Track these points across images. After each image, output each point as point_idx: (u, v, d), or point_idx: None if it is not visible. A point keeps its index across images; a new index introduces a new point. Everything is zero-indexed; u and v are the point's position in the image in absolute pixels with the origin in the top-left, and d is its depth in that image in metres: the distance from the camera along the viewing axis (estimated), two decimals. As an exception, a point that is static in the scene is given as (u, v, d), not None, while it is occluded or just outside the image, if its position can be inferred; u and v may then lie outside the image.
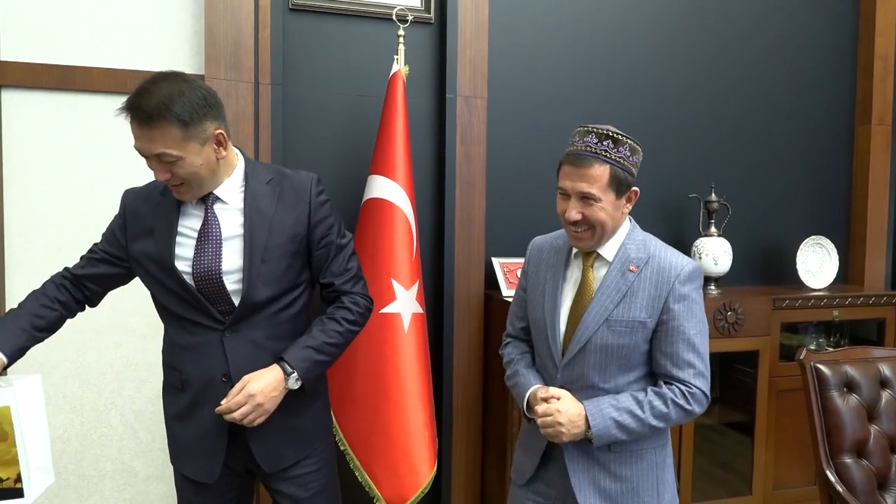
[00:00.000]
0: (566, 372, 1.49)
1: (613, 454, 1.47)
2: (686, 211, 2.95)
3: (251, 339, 1.48)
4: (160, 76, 1.38)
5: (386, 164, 2.29)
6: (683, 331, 1.43)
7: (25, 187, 2.21)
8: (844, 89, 3.21)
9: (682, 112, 2.96)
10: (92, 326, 2.28)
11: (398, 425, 2.21)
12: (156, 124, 1.32)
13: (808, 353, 1.79)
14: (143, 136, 1.34)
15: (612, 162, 1.41)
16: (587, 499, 1.46)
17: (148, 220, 1.49)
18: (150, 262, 1.48)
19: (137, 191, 1.58)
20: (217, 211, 1.47)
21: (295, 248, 1.52)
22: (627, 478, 1.47)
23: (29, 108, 2.20)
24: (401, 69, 2.35)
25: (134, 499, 2.34)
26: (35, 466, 1.15)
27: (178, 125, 1.33)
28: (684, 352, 1.43)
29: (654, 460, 1.50)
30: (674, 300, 1.43)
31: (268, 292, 1.48)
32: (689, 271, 1.46)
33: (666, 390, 1.43)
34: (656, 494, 1.49)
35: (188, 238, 1.46)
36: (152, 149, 1.34)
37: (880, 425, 1.76)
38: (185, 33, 2.33)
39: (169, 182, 1.39)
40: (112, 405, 2.31)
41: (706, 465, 2.74)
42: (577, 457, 1.49)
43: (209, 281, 1.44)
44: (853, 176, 3.24)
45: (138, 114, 1.33)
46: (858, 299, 2.83)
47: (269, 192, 1.50)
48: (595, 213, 1.42)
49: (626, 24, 2.86)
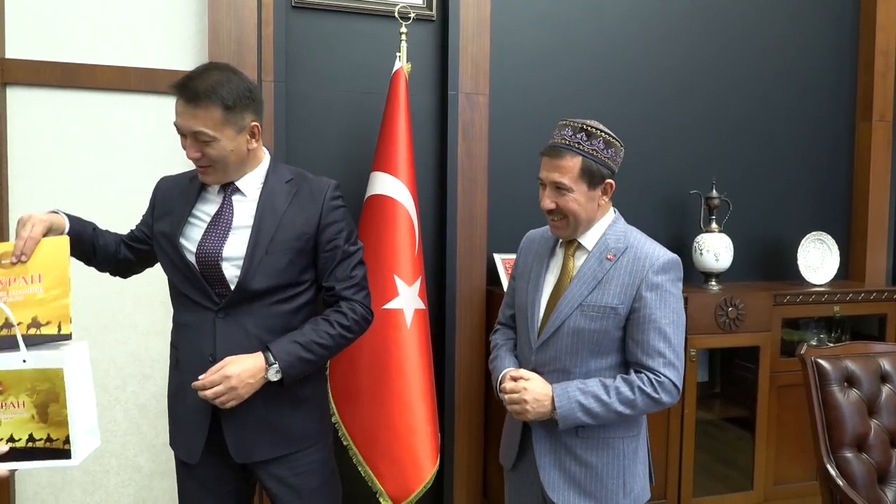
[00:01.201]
0: (540, 354, 1.53)
1: (580, 439, 1.50)
2: (687, 207, 2.96)
3: (242, 325, 1.51)
4: (214, 65, 1.50)
5: (388, 160, 2.30)
6: (655, 319, 1.45)
7: (30, 184, 2.22)
8: (845, 86, 3.22)
9: (683, 108, 2.97)
10: (96, 323, 2.29)
11: (401, 420, 2.22)
12: (201, 103, 1.40)
13: (809, 348, 1.80)
14: (187, 113, 1.42)
15: (584, 154, 1.48)
16: (550, 479, 1.50)
17: (172, 202, 1.59)
18: (164, 239, 1.56)
19: (171, 177, 1.68)
20: (234, 201, 1.54)
21: (301, 246, 1.54)
22: (593, 464, 1.50)
23: (33, 105, 2.21)
24: (403, 66, 2.36)
25: (138, 494, 2.36)
26: (82, 430, 1.19)
27: (221, 108, 1.41)
28: (655, 340, 1.46)
29: (623, 450, 1.52)
30: (646, 288, 1.46)
31: (265, 283, 1.51)
32: (665, 262, 1.49)
33: (634, 377, 1.46)
34: (622, 484, 1.51)
35: (201, 221, 1.54)
36: (192, 125, 1.42)
37: (880, 420, 1.77)
38: (189, 31, 2.34)
39: (197, 162, 1.47)
40: (116, 401, 2.32)
41: (707, 461, 2.76)
42: (544, 439, 1.53)
43: (208, 263, 1.50)
44: (854, 172, 3.25)
45: (187, 91, 1.41)
46: (859, 295, 2.83)
47: (286, 191, 1.56)
48: (567, 203, 1.49)
49: (627, 21, 2.86)
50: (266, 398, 1.51)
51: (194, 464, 1.56)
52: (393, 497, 2.24)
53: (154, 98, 2.31)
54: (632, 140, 2.89)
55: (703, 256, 2.76)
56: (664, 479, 2.59)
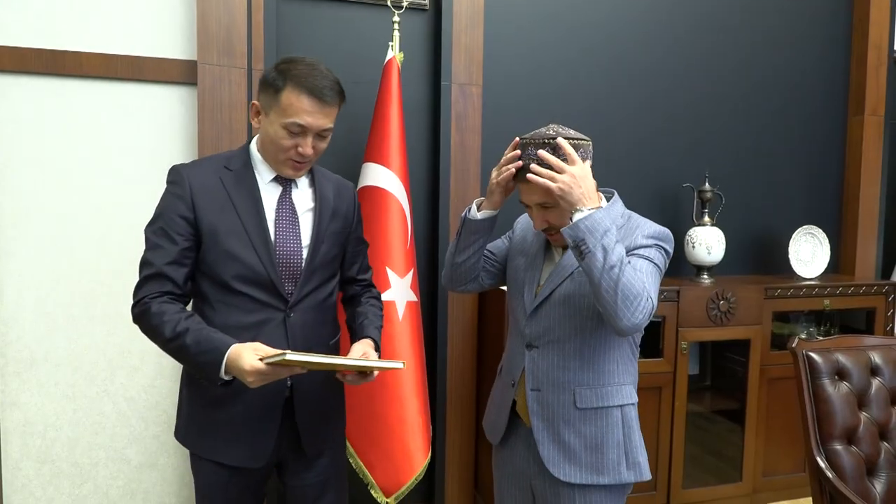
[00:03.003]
0: (533, 324, 1.51)
1: (579, 411, 1.48)
2: (680, 200, 2.96)
3: (306, 322, 1.50)
4: (305, 59, 1.44)
5: (380, 151, 2.28)
6: (633, 265, 1.38)
7: (16, 174, 2.19)
8: (838, 80, 3.22)
9: (676, 102, 2.96)
10: (84, 314, 2.27)
11: (392, 412, 2.22)
12: (337, 102, 1.44)
13: (801, 341, 1.80)
14: (321, 112, 1.41)
15: None
16: (550, 454, 1.48)
17: (223, 193, 1.45)
18: (232, 235, 1.43)
19: (195, 167, 1.49)
20: (292, 191, 1.52)
21: (343, 239, 1.60)
22: (592, 435, 1.48)
23: (18, 93, 2.18)
24: (395, 56, 2.34)
25: (127, 486, 2.34)
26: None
27: (341, 105, 1.47)
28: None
29: (621, 418, 1.50)
30: (634, 248, 1.44)
31: (323, 274, 1.54)
32: (657, 230, 1.48)
33: None
34: (624, 454, 1.49)
35: (267, 213, 1.47)
36: (324, 124, 1.42)
37: (870, 412, 1.78)
38: (178, 18, 2.30)
39: (307, 158, 1.43)
40: (105, 393, 2.30)
41: (697, 453, 2.77)
42: (540, 413, 1.51)
43: (289, 255, 1.47)
44: (845, 166, 3.26)
45: (329, 93, 1.40)
46: (849, 289, 2.85)
47: (329, 184, 1.59)
48: (559, 220, 1.42)
49: (621, 13, 2.85)
50: (327, 390, 1.56)
51: (258, 467, 1.49)
52: (384, 489, 2.24)
53: (141, 86, 2.28)
54: (625, 133, 2.90)
55: (695, 250, 2.77)
56: (655, 471, 2.60)
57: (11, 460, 2.23)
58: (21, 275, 2.21)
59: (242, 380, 1.31)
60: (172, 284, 1.40)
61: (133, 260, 2.27)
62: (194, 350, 1.33)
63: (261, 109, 1.45)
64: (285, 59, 1.44)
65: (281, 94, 1.39)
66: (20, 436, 2.23)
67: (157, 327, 1.36)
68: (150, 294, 1.39)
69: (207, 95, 2.27)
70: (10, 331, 2.21)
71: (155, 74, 2.27)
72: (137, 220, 2.30)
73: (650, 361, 2.57)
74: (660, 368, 2.58)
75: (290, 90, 1.38)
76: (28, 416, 2.23)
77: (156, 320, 1.36)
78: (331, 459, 1.62)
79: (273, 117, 1.41)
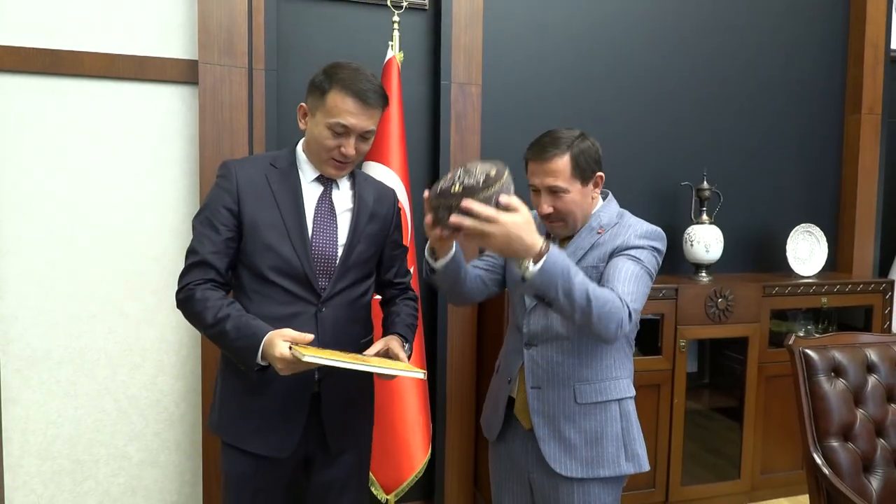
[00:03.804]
0: (532, 322, 1.53)
1: (579, 406, 1.50)
2: (678, 199, 2.97)
3: (337, 318, 1.53)
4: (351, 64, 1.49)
5: (380, 150, 2.29)
6: (619, 268, 1.41)
7: (17, 172, 2.20)
8: (835, 78, 3.24)
9: (675, 101, 2.97)
10: (86, 311, 2.28)
11: (392, 410, 2.23)
12: (380, 105, 1.48)
13: (797, 338, 1.81)
14: (364, 114, 1.46)
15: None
16: (551, 450, 1.50)
17: (268, 189, 1.51)
18: (271, 229, 1.48)
19: (244, 163, 1.57)
20: (332, 190, 1.56)
21: (381, 241, 1.63)
22: (591, 429, 1.50)
23: (20, 93, 2.18)
24: (395, 56, 2.35)
25: (128, 483, 2.35)
26: None
27: (384, 109, 1.52)
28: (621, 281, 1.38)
29: (619, 411, 1.51)
30: (625, 248, 1.46)
31: (357, 273, 1.56)
32: (648, 229, 1.50)
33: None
34: (622, 446, 1.50)
35: (307, 210, 1.53)
36: (367, 125, 1.47)
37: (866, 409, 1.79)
38: (179, 18, 2.31)
39: (348, 158, 1.48)
40: (106, 390, 2.31)
41: (695, 450, 2.79)
42: (540, 410, 1.52)
43: (324, 251, 1.51)
44: (843, 165, 3.27)
45: (372, 96, 1.45)
46: (847, 286, 2.86)
47: (370, 187, 1.63)
48: (566, 206, 1.47)
49: (621, 13, 2.86)
50: (355, 389, 1.58)
51: (283, 457, 1.51)
52: (384, 486, 2.25)
53: (142, 85, 2.29)
54: (624, 132, 2.91)
55: (693, 248, 2.78)
56: (653, 468, 2.62)
57: (13, 457, 2.24)
58: (22, 273, 2.22)
59: (274, 366, 1.36)
60: (215, 272, 1.47)
61: (135, 257, 2.30)
62: (233, 335, 1.39)
63: (308, 111, 1.51)
64: (333, 63, 1.50)
65: (327, 95, 1.45)
66: (21, 433, 2.24)
67: (200, 313, 1.42)
68: (195, 281, 1.45)
69: (208, 95, 2.28)
70: (11, 328, 2.22)
71: (156, 74, 2.28)
72: (139, 218, 2.31)
73: (649, 359, 2.59)
74: (658, 366, 2.59)
75: (335, 92, 1.44)
76: (29, 413, 2.25)
77: (199, 306, 1.42)
78: (354, 458, 1.63)
79: (319, 118, 1.47)
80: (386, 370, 1.41)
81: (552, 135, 1.50)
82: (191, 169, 2.34)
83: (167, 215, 2.33)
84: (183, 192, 2.34)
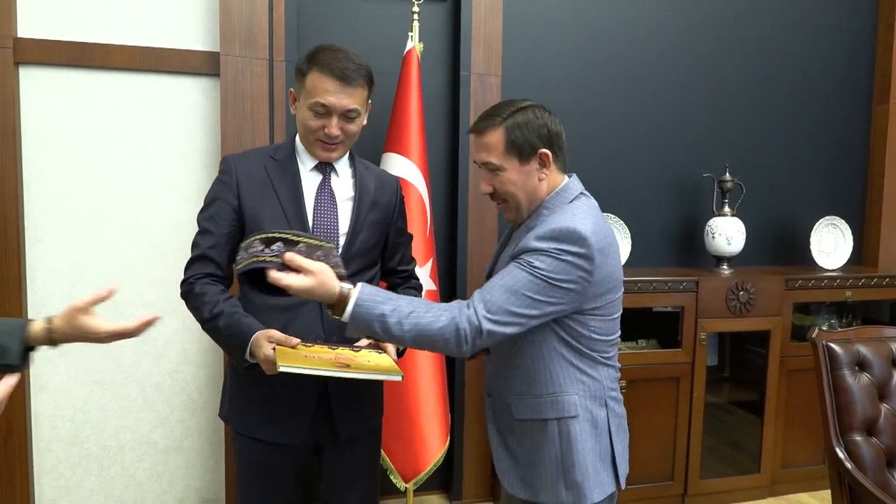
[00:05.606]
0: None
1: (518, 422, 1.38)
2: (700, 190, 2.94)
3: None
4: (333, 45, 1.48)
5: (400, 141, 2.30)
6: (502, 274, 1.29)
7: (44, 164, 2.24)
8: (862, 67, 3.17)
9: (696, 91, 2.94)
10: (111, 300, 2.30)
11: (412, 401, 2.24)
12: (361, 83, 1.46)
13: (821, 332, 1.79)
14: (343, 92, 1.44)
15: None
16: (501, 467, 1.44)
17: (267, 182, 1.52)
18: (273, 220, 1.48)
19: (243, 157, 1.58)
20: (331, 178, 1.56)
21: (383, 229, 1.61)
22: (529, 448, 1.37)
23: (46, 85, 2.22)
24: (415, 46, 2.35)
25: (153, 468, 2.40)
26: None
27: (367, 87, 1.49)
28: (489, 290, 1.27)
29: (558, 433, 1.34)
30: (521, 252, 1.30)
31: (360, 262, 1.55)
32: (555, 228, 1.28)
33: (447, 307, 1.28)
34: (561, 473, 1.34)
35: (306, 198, 1.53)
36: (347, 104, 1.45)
37: (891, 404, 1.76)
38: (200, 11, 2.33)
39: (336, 139, 1.48)
40: (131, 378, 2.36)
41: (715, 444, 2.77)
42: (492, 420, 1.47)
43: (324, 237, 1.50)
44: (869, 156, 3.21)
45: (352, 74, 1.43)
46: (872, 280, 2.82)
47: (371, 175, 1.62)
48: (502, 186, 1.35)
49: (643, 3, 2.82)
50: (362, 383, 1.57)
51: (292, 444, 1.52)
52: (403, 474, 2.27)
53: (165, 77, 2.31)
54: (645, 122, 2.88)
55: (715, 240, 2.75)
56: (672, 461, 2.61)
57: (42, 442, 2.30)
58: (49, 261, 2.27)
59: (261, 366, 1.37)
60: (215, 266, 1.49)
61: (158, 246, 2.33)
62: (225, 333, 1.42)
63: (296, 96, 1.51)
64: (316, 46, 1.49)
65: (307, 77, 1.45)
66: (50, 419, 2.30)
67: (198, 308, 1.46)
68: (196, 275, 1.48)
69: (230, 86, 2.30)
70: (39, 315, 2.26)
71: (178, 66, 2.31)
72: (162, 209, 2.35)
73: (668, 352, 2.58)
74: (678, 359, 2.58)
75: (314, 72, 1.44)
76: (58, 400, 2.30)
77: (197, 301, 1.46)
78: (366, 446, 1.64)
79: (302, 100, 1.48)
80: (363, 375, 1.34)
81: (494, 106, 1.37)
82: (212, 160, 2.36)
83: (189, 206, 2.36)
84: (204, 183, 2.37)
